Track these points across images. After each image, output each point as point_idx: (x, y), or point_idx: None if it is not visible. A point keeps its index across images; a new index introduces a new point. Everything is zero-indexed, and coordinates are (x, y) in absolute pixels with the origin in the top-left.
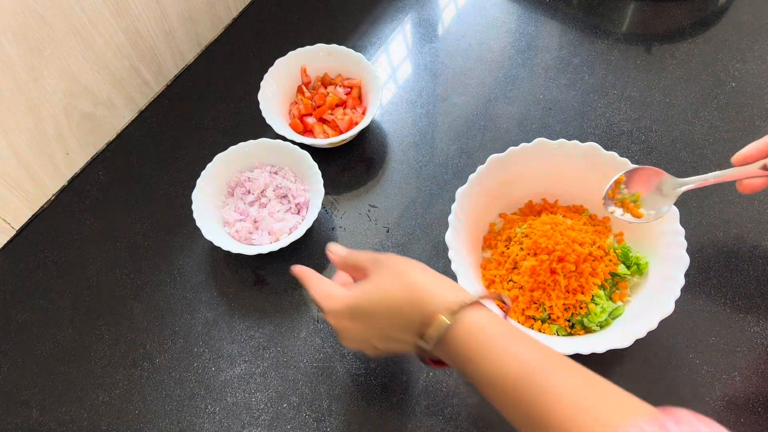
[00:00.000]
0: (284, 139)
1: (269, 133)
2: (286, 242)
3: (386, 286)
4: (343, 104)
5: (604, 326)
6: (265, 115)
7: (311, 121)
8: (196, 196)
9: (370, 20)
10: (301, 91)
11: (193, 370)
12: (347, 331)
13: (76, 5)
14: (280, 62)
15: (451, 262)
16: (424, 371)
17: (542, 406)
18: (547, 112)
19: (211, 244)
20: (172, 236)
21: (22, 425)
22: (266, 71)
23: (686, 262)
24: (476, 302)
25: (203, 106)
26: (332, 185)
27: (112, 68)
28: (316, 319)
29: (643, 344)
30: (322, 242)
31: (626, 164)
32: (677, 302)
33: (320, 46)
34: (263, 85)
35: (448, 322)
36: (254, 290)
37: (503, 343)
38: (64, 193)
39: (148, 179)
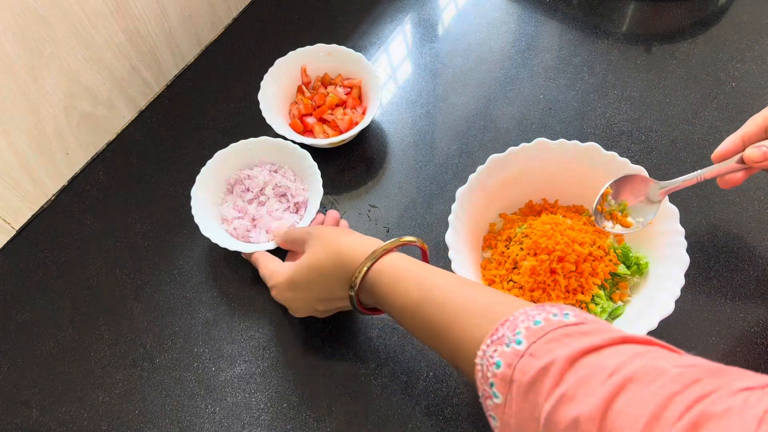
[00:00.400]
0: (284, 139)
1: (269, 133)
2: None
3: (317, 255)
4: (343, 104)
5: None
6: (265, 115)
7: (311, 121)
8: (195, 192)
9: (370, 20)
10: (301, 91)
11: (193, 370)
12: (291, 301)
13: (76, 5)
14: (280, 62)
15: (451, 262)
16: (424, 371)
17: (441, 317)
18: (547, 112)
19: (211, 243)
20: (172, 236)
21: (22, 425)
22: (266, 71)
23: (686, 262)
24: (388, 249)
25: (203, 106)
26: (332, 185)
27: (112, 68)
28: (316, 319)
29: None
30: None
31: (626, 164)
32: (677, 302)
33: (320, 46)
34: (263, 85)
35: (365, 268)
36: (254, 290)
37: (408, 274)
38: (64, 193)
39: (148, 179)
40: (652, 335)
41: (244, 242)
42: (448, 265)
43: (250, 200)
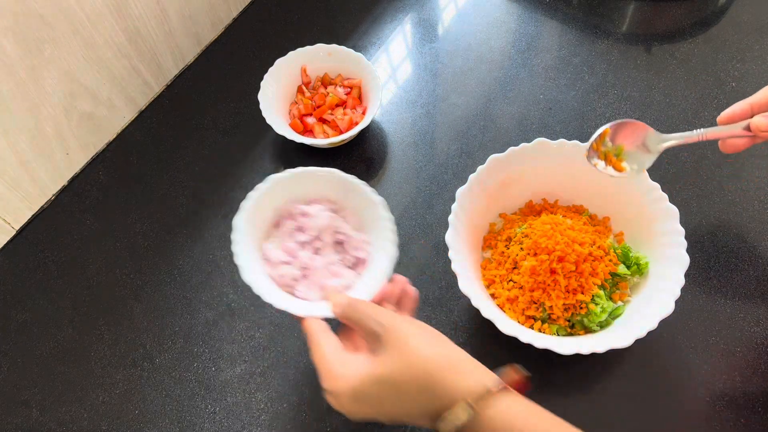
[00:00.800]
0: (284, 139)
1: (269, 133)
2: (326, 312)
3: (395, 368)
4: (343, 104)
5: (604, 326)
6: (265, 115)
7: (311, 121)
8: (239, 224)
9: (370, 20)
10: (301, 91)
11: (193, 370)
12: (350, 412)
13: (76, 5)
14: (280, 62)
15: (451, 262)
16: None
17: None
18: (547, 112)
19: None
20: (172, 236)
21: (22, 425)
22: (266, 71)
23: (686, 262)
24: (492, 391)
25: (203, 106)
26: None
27: (112, 68)
28: None
29: (643, 344)
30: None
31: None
32: (677, 302)
33: (320, 46)
34: (263, 85)
35: (470, 411)
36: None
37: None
38: (64, 193)
39: (148, 179)
40: (652, 335)
41: (288, 293)
42: (448, 264)
43: (301, 243)
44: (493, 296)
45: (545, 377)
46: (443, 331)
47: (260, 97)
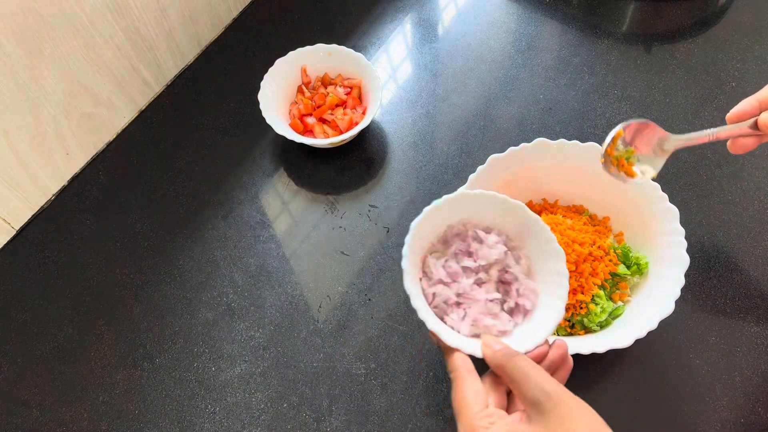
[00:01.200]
0: (284, 139)
1: (269, 133)
2: (477, 352)
3: None
4: (343, 104)
5: (604, 326)
6: (265, 115)
7: (311, 121)
8: (415, 227)
9: (370, 20)
10: (301, 91)
11: (193, 370)
12: None
13: (76, 5)
14: (280, 62)
15: None
16: (424, 371)
17: None
18: (547, 112)
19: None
20: (172, 236)
21: (22, 425)
22: (266, 71)
23: (686, 262)
24: None
25: (203, 106)
26: (332, 185)
27: (112, 68)
28: (315, 319)
29: (643, 344)
30: None
31: None
32: (677, 302)
33: (320, 46)
34: (263, 85)
35: None
36: (254, 290)
37: None
38: (64, 193)
39: (148, 179)
40: (652, 335)
41: (438, 315)
42: None
43: (466, 269)
44: None
45: None
46: None
47: (260, 97)
